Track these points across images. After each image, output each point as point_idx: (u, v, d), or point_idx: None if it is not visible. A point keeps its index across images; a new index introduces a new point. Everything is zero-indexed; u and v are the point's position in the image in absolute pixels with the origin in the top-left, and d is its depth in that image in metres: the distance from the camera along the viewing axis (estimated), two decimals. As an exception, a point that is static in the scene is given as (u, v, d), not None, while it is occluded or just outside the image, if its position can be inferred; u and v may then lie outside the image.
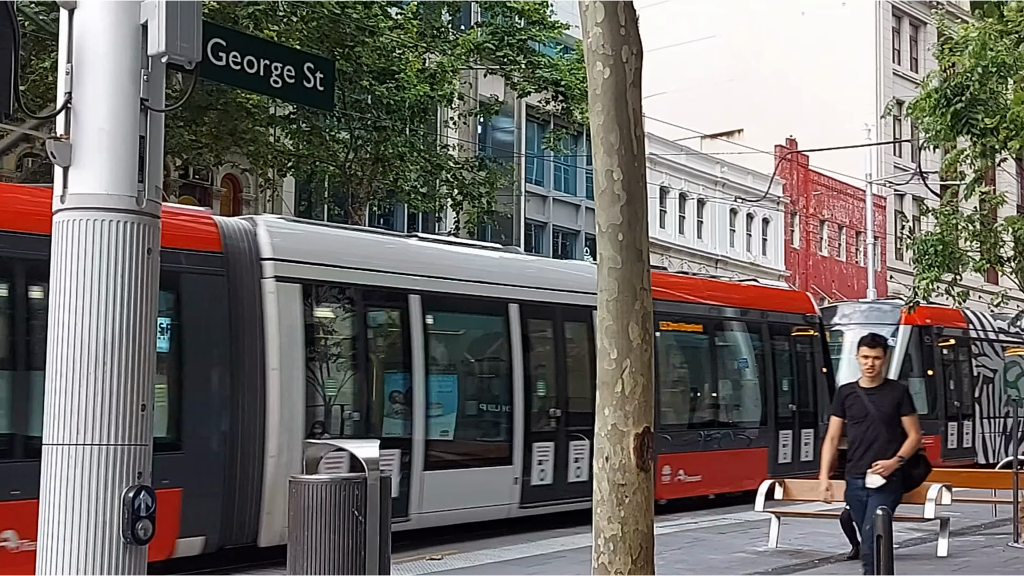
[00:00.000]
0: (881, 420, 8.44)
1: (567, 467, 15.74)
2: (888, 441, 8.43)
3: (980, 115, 12.42)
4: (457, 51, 25.07)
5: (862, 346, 8.54)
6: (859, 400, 8.51)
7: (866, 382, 8.55)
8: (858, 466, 8.52)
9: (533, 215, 38.12)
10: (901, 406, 8.50)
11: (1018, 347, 27.85)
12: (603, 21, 5.95)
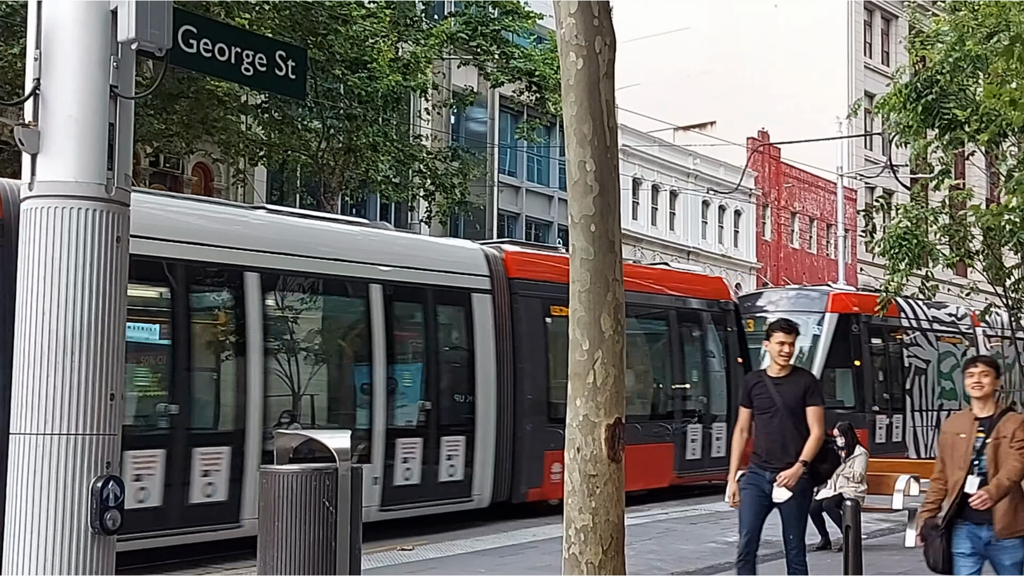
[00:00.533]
0: (787, 411, 7.93)
1: (438, 465, 14.42)
2: (795, 435, 7.92)
3: (950, 108, 12.49)
4: (431, 41, 25.00)
5: (777, 331, 7.99)
6: (766, 389, 8.00)
7: (775, 370, 8.03)
8: (768, 459, 8.00)
9: (506, 206, 38.10)
10: (807, 396, 7.94)
11: (953, 337, 27.14)
12: (576, 12, 5.94)
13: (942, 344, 26.36)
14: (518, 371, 15.57)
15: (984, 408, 6.83)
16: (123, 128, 5.11)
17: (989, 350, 26.77)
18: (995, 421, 6.74)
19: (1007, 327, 27.11)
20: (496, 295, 15.52)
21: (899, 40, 44.72)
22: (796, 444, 7.86)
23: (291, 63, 5.91)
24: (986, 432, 6.70)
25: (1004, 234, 12.40)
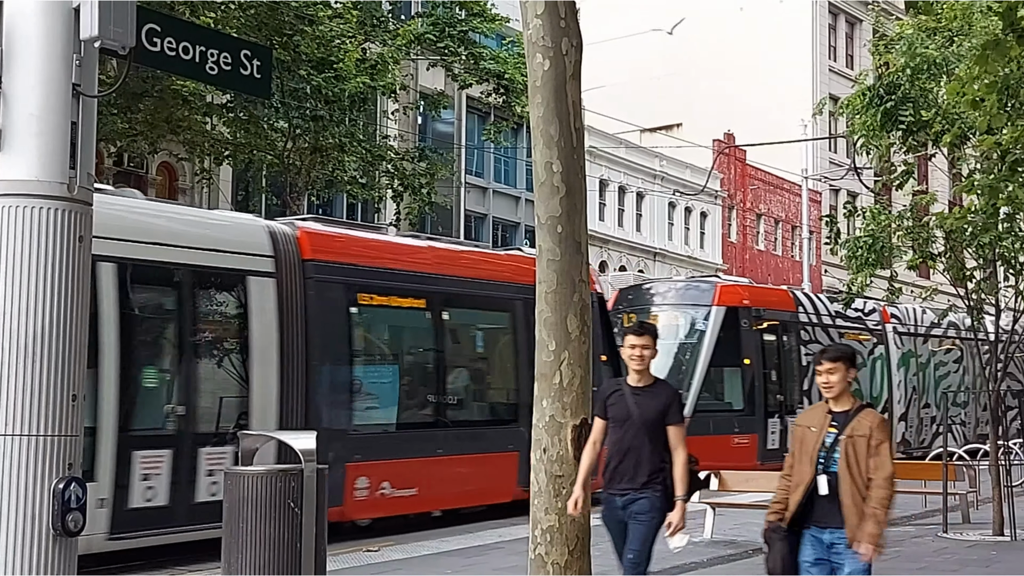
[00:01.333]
0: (644, 426, 6.93)
1: (194, 483, 11.91)
2: (651, 453, 6.96)
3: (910, 112, 12.60)
4: (397, 41, 24.96)
5: (629, 335, 6.99)
6: (623, 400, 6.97)
7: (634, 379, 6.99)
8: (616, 480, 6.96)
9: (473, 207, 38.09)
10: (668, 413, 6.96)
11: (859, 333, 25.06)
12: (543, 13, 5.96)
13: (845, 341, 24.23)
14: (312, 370, 13.24)
15: (839, 403, 6.23)
16: (86, 127, 5.06)
17: (900, 347, 25.89)
18: (850, 417, 6.15)
19: (921, 323, 26.26)
20: (283, 279, 13.05)
21: (863, 43, 45.07)
22: (649, 464, 6.94)
23: (256, 62, 5.88)
24: (839, 428, 6.12)
25: (966, 237, 12.51)
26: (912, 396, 26.15)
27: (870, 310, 25.33)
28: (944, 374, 27.43)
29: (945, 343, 27.74)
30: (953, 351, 28.00)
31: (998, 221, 12.11)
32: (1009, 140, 9.94)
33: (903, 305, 27.73)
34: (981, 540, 12.62)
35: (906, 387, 25.96)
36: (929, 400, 26.64)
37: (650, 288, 23.50)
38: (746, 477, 14.73)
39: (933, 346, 27.27)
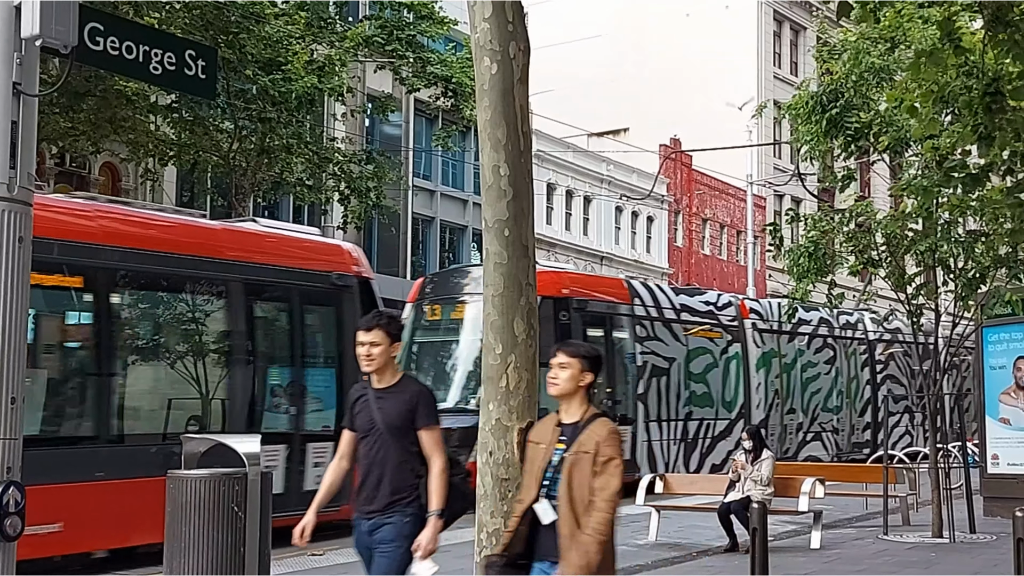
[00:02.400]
0: (389, 434, 5.87)
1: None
2: (398, 466, 5.85)
3: (854, 119, 12.78)
4: (345, 44, 24.86)
5: (359, 330, 5.99)
6: (367, 406, 5.96)
7: (375, 380, 5.96)
8: (364, 501, 5.93)
9: (420, 210, 38.01)
10: (416, 414, 5.86)
11: (710, 330, 22.49)
12: (491, 17, 5.96)
13: (693, 339, 21.91)
14: None
15: (569, 412, 5.23)
16: (26, 126, 4.99)
17: (761, 346, 23.68)
18: (579, 429, 5.16)
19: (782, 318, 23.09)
20: None
21: (808, 50, 45.60)
22: (394, 480, 5.86)
23: (201, 62, 5.83)
24: (568, 442, 5.16)
25: (905, 242, 12.70)
26: (774, 401, 24.00)
27: (725, 303, 23.30)
28: (813, 376, 25.49)
29: (816, 341, 25.87)
30: (825, 351, 26.12)
31: (937, 227, 12.30)
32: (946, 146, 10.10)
33: (766, 300, 27.22)
34: (921, 542, 12.80)
35: (767, 390, 23.77)
36: (795, 405, 24.70)
37: (457, 273, 20.14)
38: (690, 480, 14.86)
39: (801, 345, 25.26)
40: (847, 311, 27.78)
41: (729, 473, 12.60)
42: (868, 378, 27.50)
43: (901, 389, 27.92)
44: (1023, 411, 14.66)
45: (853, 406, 26.72)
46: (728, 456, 20.10)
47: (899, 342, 28.01)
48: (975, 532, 13.21)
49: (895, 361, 28.29)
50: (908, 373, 27.98)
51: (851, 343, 27.03)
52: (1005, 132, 8.94)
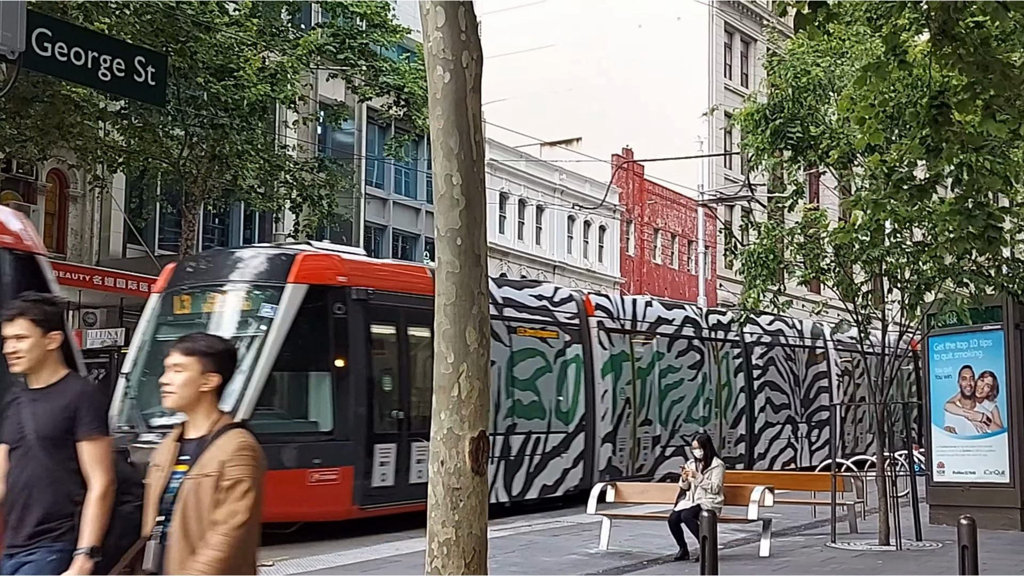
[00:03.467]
0: (40, 446, 4.66)
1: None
2: (48, 487, 4.65)
3: (797, 131, 12.95)
4: (298, 51, 24.77)
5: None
6: (19, 412, 4.78)
7: (31, 379, 4.80)
8: (8, 532, 4.70)
9: (373, 218, 37.92)
10: (76, 421, 4.67)
11: (542, 329, 19.16)
12: (444, 26, 5.97)
13: (519, 338, 18.54)
14: None
15: (195, 424, 4.26)
16: (-28, 132, 4.93)
17: (608, 348, 20.48)
18: (205, 445, 4.18)
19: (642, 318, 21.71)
20: None
21: (758, 60, 46.08)
22: (47, 505, 4.64)
23: (151, 69, 5.80)
24: (190, 463, 4.17)
25: (854, 252, 12.86)
26: (624, 411, 20.83)
27: (563, 298, 19.94)
28: (675, 382, 22.47)
29: (679, 343, 22.82)
30: (690, 354, 23.07)
31: (884, 237, 12.47)
32: (894, 159, 10.26)
33: (619, 296, 25.37)
34: (868, 550, 12.94)
35: (615, 399, 20.50)
36: (651, 416, 21.60)
37: (213, 259, 17.23)
38: (642, 489, 14.92)
39: (660, 347, 22.24)
40: (719, 310, 27.10)
41: (680, 482, 12.68)
42: (743, 385, 24.73)
43: (783, 397, 26.06)
44: (968, 420, 14.89)
45: (724, 416, 23.97)
46: (564, 474, 18.99)
47: (782, 345, 26.39)
48: (921, 540, 13.38)
49: (776, 366, 26.01)
50: (791, 379, 26.33)
51: (723, 345, 24.32)
52: (951, 144, 9.08)
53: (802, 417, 26.41)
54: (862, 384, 27.69)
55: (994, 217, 10.54)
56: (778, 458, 25.18)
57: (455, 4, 6.01)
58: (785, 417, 25.86)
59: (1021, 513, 14.36)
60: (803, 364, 26.92)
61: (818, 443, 26.78)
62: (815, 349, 27.66)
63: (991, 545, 11.77)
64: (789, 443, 25.77)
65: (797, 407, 26.28)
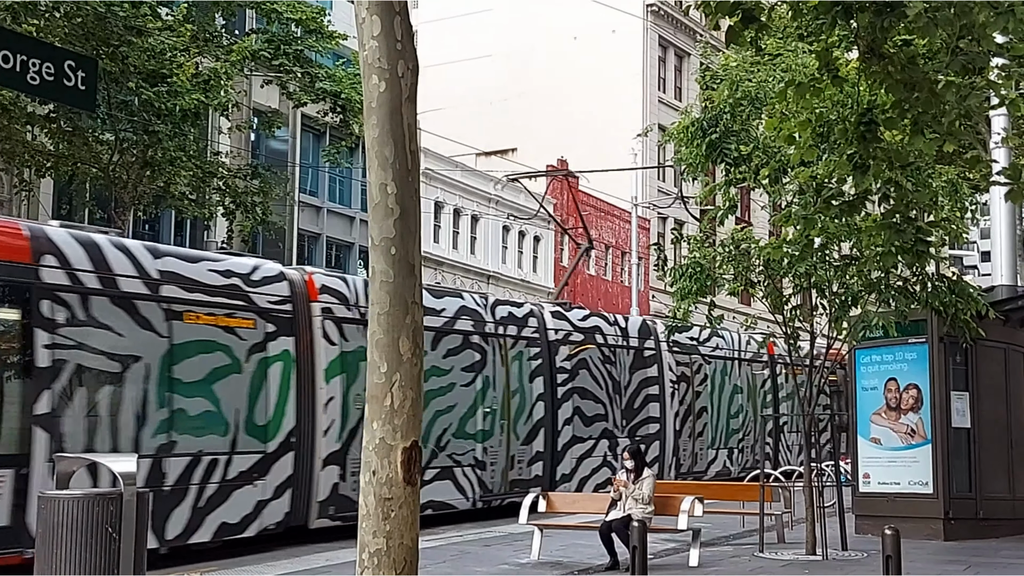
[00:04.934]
0: None
1: None
2: None
3: (732, 145, 13.12)
4: (232, 57, 24.55)
5: None
6: None
7: None
8: None
9: (307, 226, 37.67)
10: None
11: (231, 315, 14.59)
12: (379, 35, 5.97)
13: (185, 327, 13.99)
14: None
15: None
16: None
17: (337, 344, 15.76)
18: None
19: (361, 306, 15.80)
20: None
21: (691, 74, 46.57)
22: None
23: (80, 73, 5.72)
24: None
25: (783, 267, 13.04)
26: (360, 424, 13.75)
27: (269, 276, 15.32)
28: (443, 388, 17.71)
29: (450, 339, 18.02)
30: (466, 352, 18.28)
31: (812, 251, 12.68)
32: (824, 174, 10.43)
33: (351, 276, 17.20)
34: (795, 559, 13.10)
35: (346, 410, 15.82)
36: None
37: None
38: (573, 499, 14.97)
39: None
40: (515, 302, 21.61)
41: (611, 492, 12.74)
42: (542, 392, 19.98)
43: (598, 407, 21.66)
44: (893, 431, 15.15)
45: (513, 431, 19.22)
46: (260, 507, 14.30)
47: (598, 345, 21.91)
48: (847, 549, 13.58)
49: (589, 370, 21.49)
50: (610, 385, 21.98)
51: (515, 343, 19.62)
52: (879, 161, 9.26)
53: (624, 431, 22.23)
54: (703, 392, 25.71)
55: (923, 231, 10.78)
56: (590, 479, 20.76)
57: (391, 13, 6.01)
58: (600, 431, 21.50)
59: (944, 523, 14.64)
60: (626, 368, 22.84)
61: None
62: (643, 351, 23.41)
63: (915, 555, 11.98)
64: (606, 461, 21.33)
65: (617, 419, 22.13)
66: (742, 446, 26.92)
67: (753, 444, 26.75)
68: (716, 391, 26.18)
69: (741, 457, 26.89)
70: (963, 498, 14.91)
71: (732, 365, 27.04)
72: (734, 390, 27.00)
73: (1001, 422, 15.64)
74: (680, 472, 23.94)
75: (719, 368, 26.41)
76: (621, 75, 52.20)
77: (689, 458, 24.73)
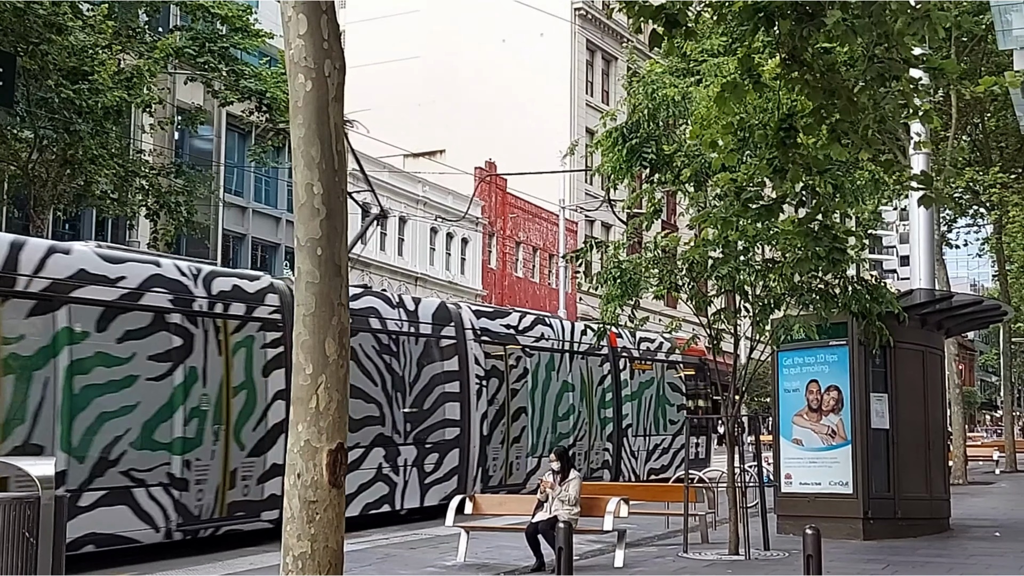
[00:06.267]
0: None
1: None
2: None
3: (652, 150, 13.24)
4: (155, 54, 24.20)
5: None
6: None
7: None
8: None
9: (232, 226, 37.25)
10: None
11: None
12: (306, 33, 5.93)
13: None
14: None
15: None
16: None
17: None
18: None
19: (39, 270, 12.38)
20: None
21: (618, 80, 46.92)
22: None
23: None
24: None
25: (707, 268, 13.18)
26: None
27: None
28: (111, 385, 13.44)
29: (121, 322, 13.71)
30: (156, 337, 14.05)
31: (736, 254, 12.83)
32: (744, 178, 10.57)
33: None
34: (718, 559, 13.25)
35: None
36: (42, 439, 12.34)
37: None
38: (500, 500, 14.98)
39: (81, 323, 13.21)
40: (247, 273, 16.87)
41: (538, 493, 12.78)
42: (282, 388, 15.31)
43: (370, 407, 17.41)
44: (814, 432, 15.38)
45: (236, 438, 15.03)
46: None
47: (372, 331, 17.72)
48: (769, 549, 13.76)
49: (358, 362, 17.03)
50: (387, 382, 17.82)
51: (240, 327, 15.45)
52: (797, 166, 9.41)
53: (408, 436, 18.16)
54: (522, 390, 21.31)
55: (838, 239, 10.97)
56: (356, 498, 16.43)
57: (317, 12, 5.97)
58: (372, 437, 17.41)
59: (863, 523, 14.90)
60: (413, 360, 18.64)
61: (437, 473, 18.73)
62: (438, 340, 19.39)
63: (835, 554, 12.18)
64: (380, 475, 17.47)
65: (398, 422, 18.01)
66: (574, 452, 22.03)
67: (588, 450, 23.42)
68: (539, 388, 21.95)
69: None
70: (882, 498, 15.19)
71: (561, 358, 22.87)
72: (564, 387, 22.77)
73: (919, 423, 15.96)
74: (489, 485, 19.74)
75: (544, 361, 22.27)
76: (549, 78, 52.45)
77: (501, 468, 20.47)
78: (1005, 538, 15.39)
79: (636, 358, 25.78)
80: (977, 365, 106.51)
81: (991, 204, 30.84)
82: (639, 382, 25.79)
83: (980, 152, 31.67)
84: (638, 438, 25.39)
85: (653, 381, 26.45)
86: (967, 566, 12.48)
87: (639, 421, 25.28)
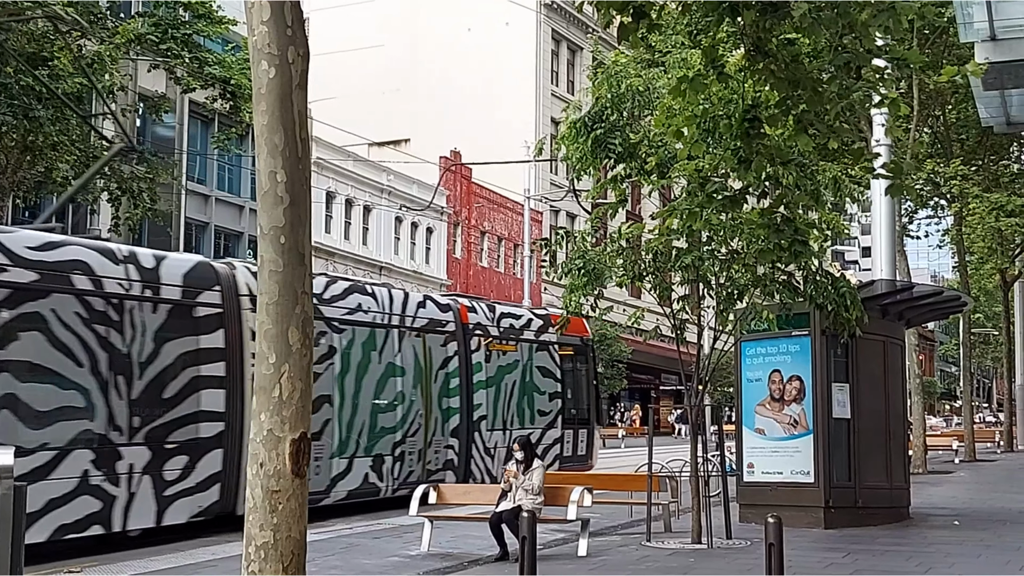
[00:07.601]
0: None
1: None
2: None
3: (617, 140, 13.23)
4: (117, 40, 23.93)
5: None
6: None
7: None
8: None
9: (194, 214, 37.01)
10: None
11: None
12: (269, 20, 5.88)
13: None
14: None
15: None
16: None
17: None
18: None
19: None
20: None
21: (584, 70, 46.93)
22: None
23: (-44, 52, 5.51)
24: None
25: (671, 258, 13.20)
26: None
27: None
28: None
29: None
30: None
31: (700, 244, 12.87)
32: (708, 168, 10.60)
33: None
34: (681, 548, 13.31)
35: None
36: None
37: None
38: (464, 490, 14.99)
39: None
40: None
41: (501, 483, 12.79)
42: None
43: (71, 394, 13.18)
44: (777, 422, 15.49)
45: None
46: None
47: (77, 292, 13.30)
48: (732, 538, 13.84)
49: (49, 332, 13.01)
50: (103, 361, 13.55)
51: None
52: (761, 157, 9.45)
53: (137, 434, 13.94)
54: (326, 375, 17.06)
55: (800, 232, 11.02)
56: (41, 518, 12.41)
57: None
58: (74, 435, 13.23)
59: (824, 512, 15.02)
60: (149, 333, 14.26)
61: (184, 483, 14.55)
62: (191, 307, 14.97)
63: (796, 543, 12.28)
64: (86, 486, 13.24)
65: (119, 415, 13.77)
66: (402, 451, 18.73)
67: (424, 448, 19.22)
68: (351, 373, 17.87)
69: (399, 467, 18.65)
70: (843, 487, 15.32)
71: (387, 335, 18.70)
72: (389, 371, 18.70)
73: (879, 413, 16.09)
74: None
75: (360, 339, 18.07)
76: (515, 68, 52.42)
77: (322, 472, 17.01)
78: (964, 527, 15.57)
79: (495, 337, 21.39)
80: (937, 355, 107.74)
81: (952, 196, 31.13)
82: (498, 366, 21.41)
83: (941, 145, 31.97)
84: (495, 432, 21.13)
85: (518, 364, 21.93)
86: (927, 554, 12.62)
87: (496, 412, 21.15)
